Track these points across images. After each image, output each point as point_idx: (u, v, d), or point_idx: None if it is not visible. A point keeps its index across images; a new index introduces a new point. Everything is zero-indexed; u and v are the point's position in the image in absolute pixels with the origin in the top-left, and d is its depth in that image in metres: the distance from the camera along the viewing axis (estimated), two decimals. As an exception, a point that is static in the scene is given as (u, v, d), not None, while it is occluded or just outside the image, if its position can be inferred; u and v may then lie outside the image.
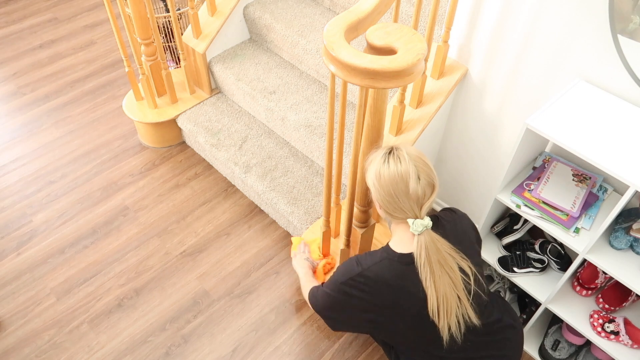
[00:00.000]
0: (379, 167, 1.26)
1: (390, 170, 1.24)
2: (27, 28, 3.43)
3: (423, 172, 1.24)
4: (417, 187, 1.23)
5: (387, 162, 1.25)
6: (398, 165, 1.24)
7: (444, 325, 1.27)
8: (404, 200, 1.24)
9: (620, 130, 1.43)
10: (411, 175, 1.23)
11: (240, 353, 1.95)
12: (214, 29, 2.49)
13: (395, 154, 1.26)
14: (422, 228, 1.23)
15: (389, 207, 1.27)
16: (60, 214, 2.38)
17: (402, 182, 1.23)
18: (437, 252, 1.24)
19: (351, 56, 1.18)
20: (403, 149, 1.27)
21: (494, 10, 1.69)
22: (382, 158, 1.27)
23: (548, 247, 1.80)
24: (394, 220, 1.30)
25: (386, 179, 1.24)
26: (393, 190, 1.24)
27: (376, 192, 1.27)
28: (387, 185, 1.24)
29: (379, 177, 1.25)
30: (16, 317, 2.03)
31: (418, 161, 1.25)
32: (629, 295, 1.68)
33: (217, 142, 2.43)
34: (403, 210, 1.25)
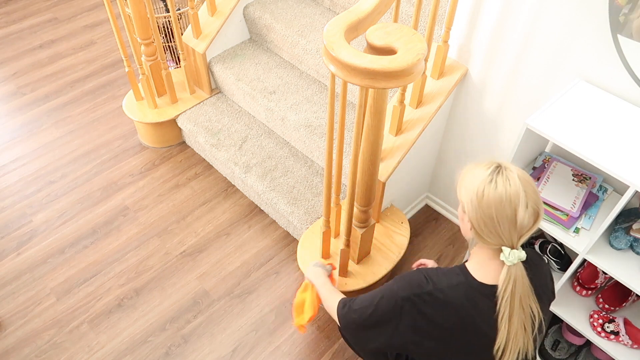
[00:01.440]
0: (484, 185, 1.12)
1: (498, 192, 1.10)
2: (27, 28, 3.43)
3: (532, 199, 1.11)
4: (524, 216, 1.10)
5: (495, 181, 1.11)
6: (507, 187, 1.10)
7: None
8: (505, 226, 1.11)
9: (620, 130, 1.43)
10: (521, 201, 1.10)
11: (240, 353, 1.95)
12: (214, 29, 2.49)
13: (504, 174, 1.12)
14: (517, 260, 1.12)
15: (484, 230, 1.13)
16: (60, 214, 2.38)
17: (509, 208, 1.10)
18: (523, 287, 1.14)
19: (351, 56, 1.18)
20: (513, 169, 1.13)
21: (494, 10, 1.69)
22: (488, 176, 1.13)
23: (548, 247, 1.80)
24: (482, 243, 1.17)
25: (491, 200, 1.11)
26: (496, 214, 1.11)
27: (473, 211, 1.13)
28: (490, 207, 1.11)
29: (481, 196, 1.12)
30: (16, 317, 2.03)
31: (528, 186, 1.12)
32: (629, 295, 1.68)
33: (217, 142, 2.43)
34: (500, 237, 1.12)
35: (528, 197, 1.10)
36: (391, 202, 2.16)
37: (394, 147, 1.93)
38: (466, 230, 1.20)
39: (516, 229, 1.11)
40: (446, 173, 2.28)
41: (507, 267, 1.13)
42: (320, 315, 2.06)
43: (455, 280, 1.19)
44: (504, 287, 1.13)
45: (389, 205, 2.16)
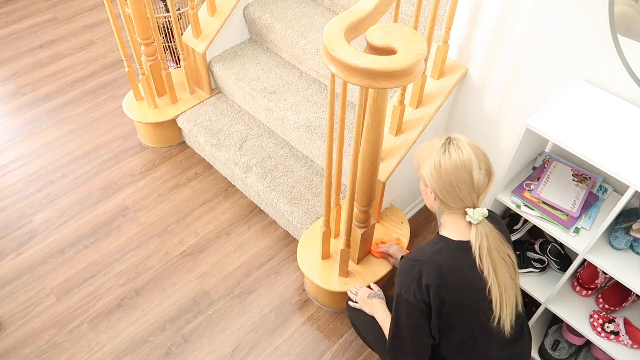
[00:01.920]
0: (439, 156, 1.24)
1: (452, 160, 1.22)
2: (27, 28, 3.43)
3: (483, 161, 1.24)
4: (479, 176, 1.23)
5: (448, 151, 1.23)
6: (460, 154, 1.23)
7: (506, 317, 1.27)
8: (464, 189, 1.23)
9: (620, 130, 1.43)
10: (474, 164, 1.22)
11: (240, 353, 1.95)
12: (214, 29, 2.49)
13: (455, 143, 1.24)
14: (481, 217, 1.24)
15: (447, 197, 1.25)
16: (60, 214, 2.38)
17: (465, 172, 1.22)
18: (494, 240, 1.26)
19: (351, 56, 1.18)
20: (462, 138, 1.25)
21: (494, 10, 1.69)
22: (441, 148, 1.25)
23: (548, 247, 1.80)
24: (448, 210, 1.29)
25: (448, 168, 1.22)
26: (455, 180, 1.23)
27: (434, 182, 1.25)
28: (448, 174, 1.23)
29: (438, 167, 1.23)
30: (16, 317, 2.03)
31: (477, 151, 1.24)
32: (628, 295, 1.68)
33: (217, 142, 2.43)
34: (462, 199, 1.25)
35: (480, 160, 1.23)
36: (391, 202, 2.16)
37: (394, 147, 1.93)
38: (431, 202, 1.33)
39: (474, 189, 1.24)
40: (446, 173, 2.27)
41: (475, 226, 1.25)
42: (320, 315, 2.06)
43: (438, 246, 1.30)
44: (477, 244, 1.25)
45: (389, 205, 2.16)
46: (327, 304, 2.07)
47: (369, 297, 1.67)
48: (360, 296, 1.70)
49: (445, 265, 1.27)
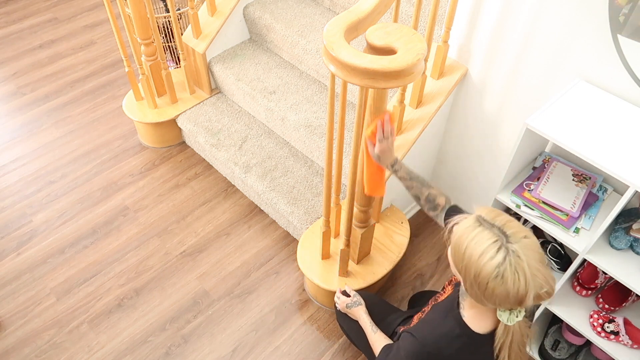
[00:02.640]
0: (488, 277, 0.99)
1: (506, 288, 0.99)
2: (27, 28, 3.43)
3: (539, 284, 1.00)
4: (530, 303, 1.01)
5: (502, 276, 0.98)
6: (515, 281, 0.98)
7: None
8: (507, 306, 1.04)
9: (620, 130, 1.43)
10: (529, 293, 0.99)
11: (240, 353, 1.95)
12: (214, 29, 2.49)
13: (513, 264, 0.97)
14: (517, 320, 1.06)
15: (477, 299, 1.06)
16: (60, 214, 2.38)
17: (515, 298, 1.00)
18: (520, 337, 1.10)
19: (351, 56, 1.18)
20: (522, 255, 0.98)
21: (493, 10, 1.69)
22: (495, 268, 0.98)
23: (548, 247, 1.80)
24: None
25: (496, 293, 1.00)
26: (499, 301, 1.02)
27: (469, 288, 1.04)
28: (492, 297, 1.01)
29: (484, 288, 1.01)
30: (16, 317, 2.03)
31: (537, 272, 0.99)
32: (628, 295, 1.68)
33: (217, 142, 2.43)
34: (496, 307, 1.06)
35: (536, 286, 0.99)
36: (391, 202, 2.16)
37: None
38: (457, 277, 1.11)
39: (519, 307, 1.04)
40: (446, 173, 2.28)
41: (506, 326, 1.08)
42: (320, 315, 2.06)
43: (458, 342, 1.15)
44: (501, 340, 1.09)
45: (389, 205, 2.16)
46: (327, 304, 2.07)
47: (347, 306, 1.67)
48: (340, 306, 1.70)
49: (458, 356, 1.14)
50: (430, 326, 1.22)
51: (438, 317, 1.23)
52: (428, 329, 1.22)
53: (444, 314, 1.22)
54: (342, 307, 1.69)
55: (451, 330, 1.16)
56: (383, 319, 1.63)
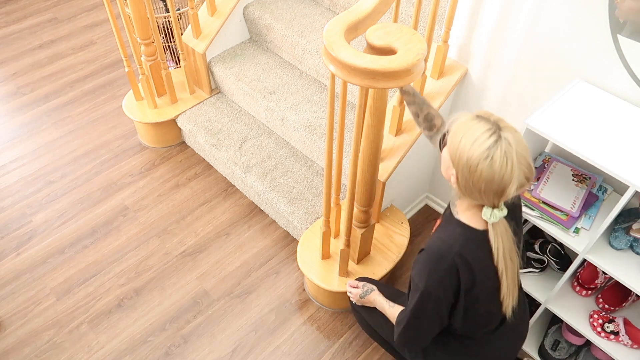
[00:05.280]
0: (479, 159, 1.09)
1: (493, 170, 1.09)
2: (27, 28, 3.43)
3: (523, 174, 1.11)
4: (512, 191, 1.11)
5: (492, 158, 1.08)
6: (503, 166, 1.08)
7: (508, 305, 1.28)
8: (490, 197, 1.13)
9: (620, 130, 1.43)
10: (513, 181, 1.10)
11: (240, 353, 1.95)
12: (213, 29, 2.49)
13: (503, 148, 1.08)
14: (498, 220, 1.17)
15: (466, 193, 1.16)
16: (60, 214, 2.38)
17: (499, 186, 1.10)
18: (508, 242, 1.20)
19: (351, 56, 1.18)
20: (512, 141, 1.09)
21: (493, 10, 1.69)
22: (486, 150, 1.08)
23: (548, 247, 1.80)
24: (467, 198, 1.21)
25: (484, 176, 1.10)
26: (484, 188, 1.12)
27: (462, 177, 1.14)
28: (480, 181, 1.11)
29: (474, 171, 1.10)
30: (16, 317, 2.03)
31: (522, 160, 1.10)
32: (628, 296, 1.68)
33: (217, 142, 2.43)
34: (483, 200, 1.15)
35: (520, 175, 1.10)
36: (391, 202, 2.16)
37: (394, 147, 1.93)
38: (448, 177, 1.22)
39: (500, 199, 1.14)
40: (446, 173, 2.28)
41: (492, 225, 1.19)
42: (320, 315, 2.06)
43: (463, 238, 1.23)
44: (495, 245, 1.20)
45: (389, 205, 2.16)
46: (327, 304, 2.07)
47: (361, 297, 1.66)
48: (355, 299, 1.69)
49: (474, 260, 1.22)
50: (434, 238, 1.29)
51: (439, 230, 1.31)
52: (432, 240, 1.28)
53: (444, 226, 1.31)
54: (356, 300, 1.67)
55: (454, 231, 1.25)
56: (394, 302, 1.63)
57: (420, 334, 1.35)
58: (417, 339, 1.36)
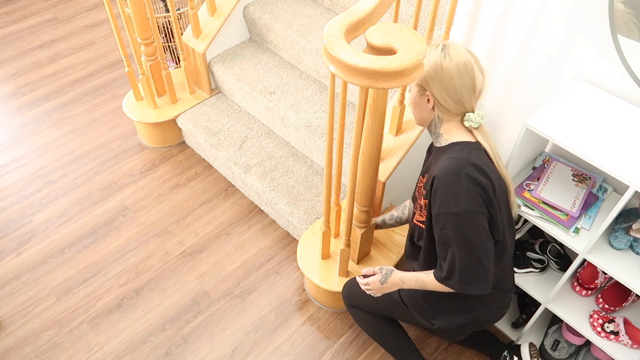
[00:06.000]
0: (440, 59, 1.23)
1: (454, 62, 1.22)
2: (27, 28, 3.43)
3: (478, 63, 1.25)
4: (480, 78, 1.24)
5: (448, 55, 1.23)
6: (459, 56, 1.23)
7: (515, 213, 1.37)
8: (466, 92, 1.25)
9: (620, 130, 1.43)
10: (474, 66, 1.23)
11: (240, 353, 1.95)
12: (213, 29, 2.49)
13: (452, 48, 1.24)
14: (481, 120, 1.28)
15: (448, 102, 1.26)
16: (60, 214, 2.38)
17: (466, 74, 1.23)
18: (493, 143, 1.31)
19: (351, 56, 1.18)
20: (455, 42, 1.26)
21: (493, 10, 1.69)
22: (440, 52, 1.24)
23: (548, 247, 1.80)
24: (447, 117, 1.30)
25: (450, 70, 1.23)
26: (457, 83, 1.23)
27: (436, 86, 1.25)
28: (451, 77, 1.23)
29: (440, 70, 1.23)
30: (16, 317, 2.03)
31: (471, 53, 1.25)
32: (628, 296, 1.68)
33: (217, 142, 2.43)
34: (463, 103, 1.26)
35: (476, 62, 1.25)
36: (391, 202, 2.16)
37: (394, 147, 1.93)
38: (426, 113, 1.32)
39: (475, 93, 1.26)
40: (446, 173, 2.27)
41: (477, 130, 1.30)
42: (320, 315, 2.06)
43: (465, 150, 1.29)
44: (487, 145, 1.30)
45: (389, 205, 2.16)
46: (327, 304, 2.07)
47: (382, 283, 1.50)
48: (375, 288, 1.53)
49: (484, 164, 1.27)
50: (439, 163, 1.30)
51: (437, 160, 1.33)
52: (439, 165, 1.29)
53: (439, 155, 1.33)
54: (378, 289, 1.52)
55: (453, 148, 1.30)
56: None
57: (481, 262, 1.27)
58: (482, 270, 1.28)
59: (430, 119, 1.34)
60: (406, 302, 1.56)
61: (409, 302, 1.55)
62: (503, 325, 1.97)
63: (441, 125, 1.33)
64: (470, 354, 1.96)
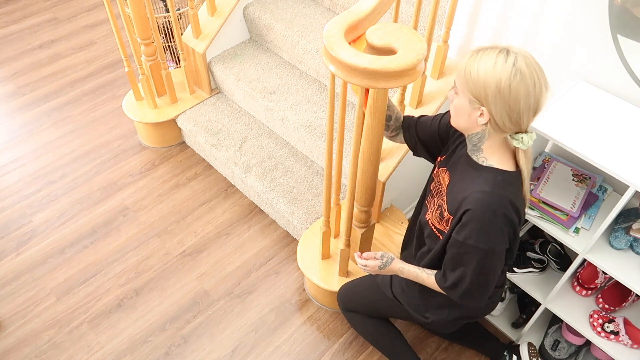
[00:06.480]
0: (509, 78, 1.08)
1: (524, 83, 1.09)
2: (27, 28, 3.43)
3: (545, 78, 1.12)
4: (546, 96, 1.13)
5: (519, 73, 1.08)
6: (531, 75, 1.09)
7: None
8: (527, 115, 1.13)
9: (620, 130, 1.43)
10: (543, 87, 1.12)
11: (240, 353, 1.95)
12: (213, 29, 2.49)
13: (523, 62, 1.09)
14: (531, 142, 1.17)
15: (506, 123, 1.14)
16: (60, 214, 2.38)
17: (534, 96, 1.11)
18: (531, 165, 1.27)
19: (351, 56, 1.18)
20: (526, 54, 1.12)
21: (493, 10, 1.69)
22: (512, 67, 1.08)
23: (548, 247, 1.80)
24: (497, 134, 1.19)
25: (520, 93, 1.09)
26: (523, 106, 1.11)
27: (498, 106, 1.11)
28: (518, 100, 1.10)
29: (507, 90, 1.09)
30: (16, 317, 2.03)
31: (540, 68, 1.12)
32: (628, 295, 1.68)
33: (217, 142, 2.43)
34: (520, 125, 1.15)
35: (543, 77, 1.11)
36: (391, 202, 2.16)
37: (394, 147, 1.93)
38: (472, 125, 1.19)
39: (535, 115, 1.15)
40: (446, 173, 2.27)
41: (523, 152, 1.20)
42: (320, 315, 2.06)
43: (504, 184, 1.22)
44: (526, 170, 1.22)
45: (389, 205, 2.16)
46: (327, 304, 2.07)
47: (380, 268, 1.50)
48: (372, 271, 1.53)
49: (519, 202, 1.23)
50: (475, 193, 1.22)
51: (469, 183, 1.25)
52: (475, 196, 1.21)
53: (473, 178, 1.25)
54: (374, 272, 1.53)
55: (494, 179, 1.22)
56: None
57: (487, 285, 1.31)
58: (485, 291, 1.32)
59: (475, 131, 1.22)
60: (400, 299, 1.56)
61: (402, 300, 1.56)
62: (503, 325, 1.97)
63: (485, 141, 1.22)
64: (470, 354, 1.96)
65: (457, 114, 1.23)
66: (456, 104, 1.21)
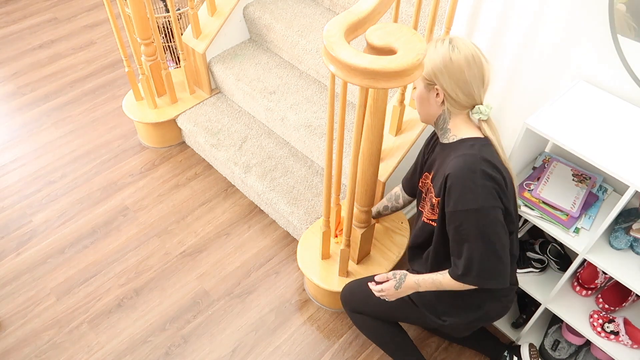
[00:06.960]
0: (449, 53, 1.25)
1: (463, 54, 1.24)
2: (27, 28, 3.43)
3: (483, 54, 1.27)
4: (488, 69, 1.26)
5: (456, 47, 1.25)
6: (467, 49, 1.25)
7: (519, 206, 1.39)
8: (476, 84, 1.26)
9: (620, 130, 1.43)
10: (481, 58, 1.26)
11: (240, 353, 1.95)
12: (213, 29, 2.49)
13: (458, 40, 1.26)
14: (490, 111, 1.29)
15: (459, 94, 1.27)
16: (60, 214, 2.38)
17: (475, 66, 1.25)
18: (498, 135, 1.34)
19: (351, 56, 1.18)
20: (459, 36, 1.28)
21: (493, 10, 1.69)
22: (449, 45, 1.26)
23: (548, 247, 1.80)
24: (456, 111, 1.31)
25: (461, 63, 1.24)
26: (468, 75, 1.25)
27: (447, 80, 1.26)
28: (461, 71, 1.24)
29: (449, 63, 1.25)
30: (16, 317, 2.03)
31: (474, 45, 1.27)
32: (628, 295, 1.68)
33: (217, 142, 2.43)
34: (473, 96, 1.28)
35: (481, 53, 1.27)
36: (391, 202, 2.16)
37: (394, 147, 1.93)
38: (434, 108, 1.33)
39: (483, 85, 1.28)
40: (446, 173, 2.27)
41: (485, 122, 1.31)
42: (320, 315, 2.06)
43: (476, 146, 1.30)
44: (495, 138, 1.31)
45: (389, 205, 2.16)
46: (327, 304, 2.07)
47: (396, 288, 1.48)
48: (389, 294, 1.50)
49: (495, 160, 1.29)
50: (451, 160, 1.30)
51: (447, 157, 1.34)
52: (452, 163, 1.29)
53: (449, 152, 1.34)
54: (392, 295, 1.50)
55: (464, 145, 1.31)
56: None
57: (500, 256, 1.29)
58: (500, 264, 1.29)
59: (438, 115, 1.35)
60: (416, 301, 1.54)
61: (419, 302, 1.54)
62: (503, 325, 1.97)
63: (449, 120, 1.34)
64: (470, 354, 1.96)
65: (420, 104, 1.37)
66: (417, 95, 1.36)
